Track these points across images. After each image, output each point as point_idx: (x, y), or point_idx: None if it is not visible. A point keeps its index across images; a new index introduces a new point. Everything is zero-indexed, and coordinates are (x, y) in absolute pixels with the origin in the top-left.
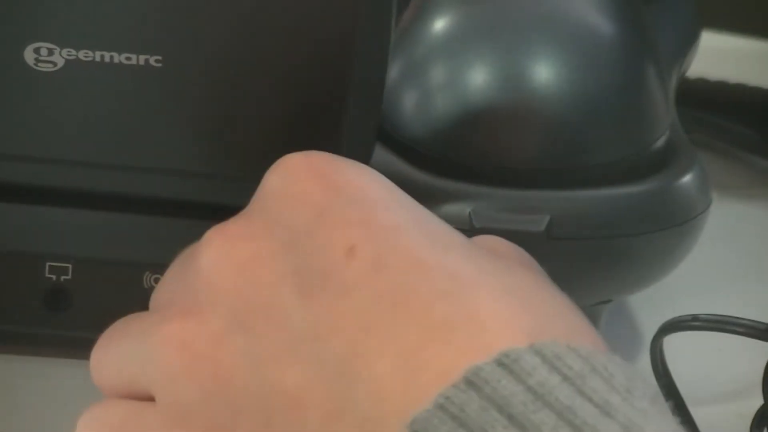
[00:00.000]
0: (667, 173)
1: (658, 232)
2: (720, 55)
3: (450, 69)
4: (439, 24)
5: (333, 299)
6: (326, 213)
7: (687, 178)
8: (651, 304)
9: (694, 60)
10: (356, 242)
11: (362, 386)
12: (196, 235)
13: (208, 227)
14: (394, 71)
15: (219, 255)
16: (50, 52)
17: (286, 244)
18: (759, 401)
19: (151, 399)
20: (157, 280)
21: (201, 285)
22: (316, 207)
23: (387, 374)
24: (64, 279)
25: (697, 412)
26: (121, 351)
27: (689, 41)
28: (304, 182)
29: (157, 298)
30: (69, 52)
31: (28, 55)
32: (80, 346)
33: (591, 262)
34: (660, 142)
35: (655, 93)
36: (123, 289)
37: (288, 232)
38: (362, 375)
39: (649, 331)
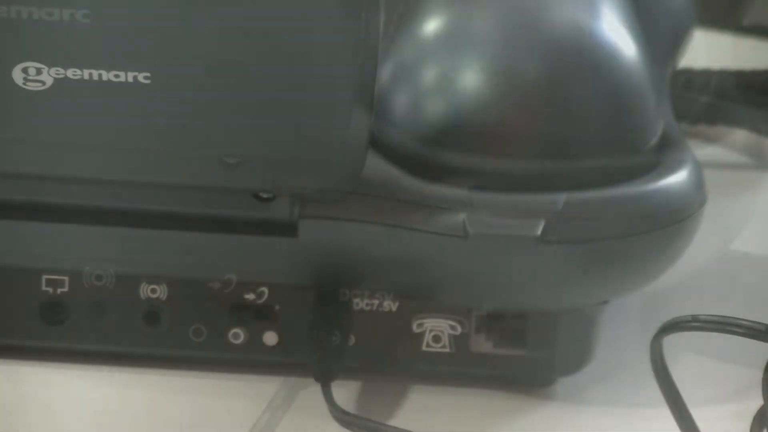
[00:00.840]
0: (659, 173)
1: (651, 232)
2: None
3: (441, 74)
4: (430, 27)
5: None
6: None
7: (679, 177)
8: (651, 304)
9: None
10: None
11: None
12: (191, 247)
13: (202, 239)
14: (384, 76)
15: None
16: (38, 71)
17: None
18: (759, 401)
19: None
20: (153, 291)
21: None
22: None
23: None
24: (61, 291)
25: (697, 412)
26: None
27: (682, 34)
28: None
29: None
30: (57, 71)
31: (17, 75)
32: (78, 359)
33: (586, 264)
34: (653, 141)
35: (648, 92)
36: (120, 301)
37: None
38: None
39: (649, 331)
